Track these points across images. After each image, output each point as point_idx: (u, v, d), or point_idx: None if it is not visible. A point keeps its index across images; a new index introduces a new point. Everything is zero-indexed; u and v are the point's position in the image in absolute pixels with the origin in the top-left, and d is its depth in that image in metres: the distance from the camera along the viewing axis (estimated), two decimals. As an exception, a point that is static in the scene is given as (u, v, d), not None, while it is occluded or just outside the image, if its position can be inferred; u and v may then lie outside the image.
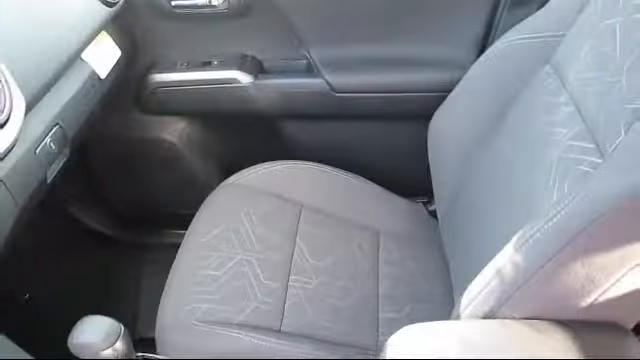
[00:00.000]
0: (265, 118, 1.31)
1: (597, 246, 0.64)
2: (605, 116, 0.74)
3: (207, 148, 1.39)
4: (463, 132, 1.09)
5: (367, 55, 1.24)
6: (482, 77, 1.07)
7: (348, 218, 1.17)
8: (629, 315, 0.71)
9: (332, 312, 0.97)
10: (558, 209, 0.67)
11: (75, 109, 0.98)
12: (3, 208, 0.78)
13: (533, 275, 0.67)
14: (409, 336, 0.68)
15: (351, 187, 1.23)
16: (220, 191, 1.19)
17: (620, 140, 0.69)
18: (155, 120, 1.34)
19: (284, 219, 1.13)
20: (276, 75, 1.28)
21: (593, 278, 0.66)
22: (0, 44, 0.82)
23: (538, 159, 0.84)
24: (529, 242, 0.68)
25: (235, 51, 1.27)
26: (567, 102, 0.84)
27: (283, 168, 1.23)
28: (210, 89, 1.26)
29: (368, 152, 1.32)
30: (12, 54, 0.81)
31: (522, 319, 0.70)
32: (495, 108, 1.02)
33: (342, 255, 1.09)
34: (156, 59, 1.26)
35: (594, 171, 0.70)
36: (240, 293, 0.96)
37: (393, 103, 1.24)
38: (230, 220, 1.11)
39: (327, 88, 1.24)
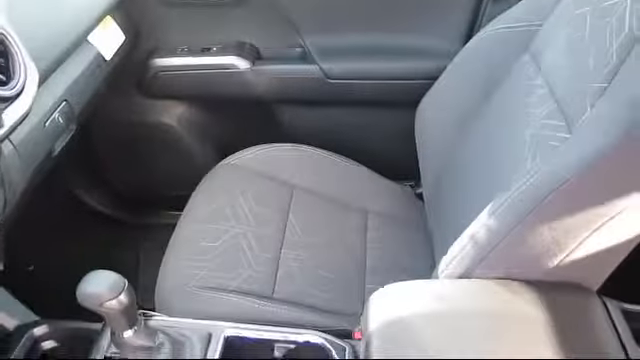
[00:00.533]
0: (261, 103, 1.37)
1: (561, 211, 0.70)
2: (574, 96, 0.80)
3: (205, 131, 1.45)
4: (448, 118, 1.15)
5: (359, 44, 1.30)
6: (467, 65, 1.13)
7: (338, 198, 1.23)
8: (593, 277, 0.77)
9: (321, 282, 1.03)
10: (527, 177, 0.73)
11: (82, 87, 1.03)
12: (15, 174, 0.84)
13: (504, 238, 0.73)
14: (390, 292, 0.74)
15: (342, 169, 1.29)
16: (217, 171, 1.25)
17: (586, 116, 0.75)
18: (156, 104, 1.39)
19: (277, 198, 1.19)
20: (272, 62, 1.34)
21: (559, 241, 0.72)
22: (14, 24, 0.87)
23: (515, 137, 0.90)
24: (500, 209, 0.74)
25: (233, 38, 1.33)
26: (542, 85, 0.90)
27: (277, 150, 1.29)
28: (209, 74, 1.32)
29: (359, 136, 1.38)
30: (25, 33, 0.87)
31: (494, 279, 0.76)
32: (478, 94, 1.08)
33: (331, 232, 1.15)
34: (158, 44, 1.32)
35: (561, 144, 0.77)
36: (235, 262, 1.02)
37: (383, 90, 1.31)
38: (226, 198, 1.16)
39: (321, 75, 1.30)
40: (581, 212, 0.70)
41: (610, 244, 0.73)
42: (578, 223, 0.70)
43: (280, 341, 0.83)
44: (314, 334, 0.83)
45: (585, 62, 0.79)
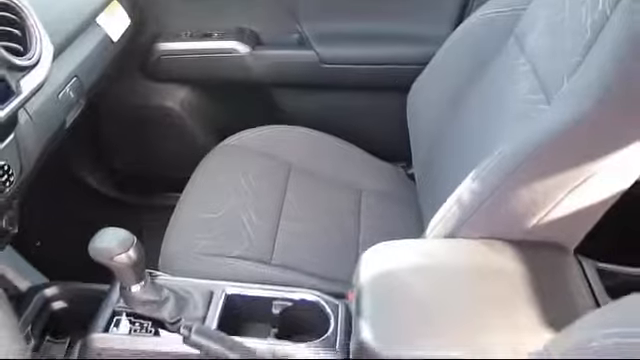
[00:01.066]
0: (260, 86, 1.43)
1: (537, 174, 0.76)
2: (553, 72, 0.86)
3: (206, 114, 1.51)
4: (438, 100, 1.21)
5: (354, 30, 1.37)
6: (456, 49, 1.19)
7: (333, 177, 1.28)
8: (570, 237, 0.83)
9: (317, 252, 1.08)
10: (507, 144, 0.79)
11: (91, 65, 1.09)
12: (30, 143, 0.89)
13: (486, 200, 0.80)
14: (380, 249, 0.80)
15: (337, 150, 1.34)
16: (218, 151, 1.30)
17: (563, 89, 0.81)
18: (159, 87, 1.45)
19: (275, 175, 1.24)
20: (271, 47, 1.40)
21: (536, 201, 0.78)
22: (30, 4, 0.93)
23: (501, 112, 0.96)
24: (483, 173, 0.81)
25: (234, 24, 1.39)
26: (525, 64, 0.96)
27: (275, 132, 1.34)
28: (210, 58, 1.38)
29: (353, 119, 1.44)
30: (39, 9, 0.92)
31: (478, 239, 0.82)
32: (467, 76, 1.13)
33: (326, 207, 1.20)
34: (161, 30, 1.38)
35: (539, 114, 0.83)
36: (235, 232, 1.07)
37: (376, 74, 1.37)
38: (226, 175, 1.22)
39: (317, 59, 1.36)
40: (556, 175, 0.76)
41: (584, 205, 0.79)
42: (553, 185, 0.76)
43: (278, 298, 0.88)
44: (309, 292, 0.89)
45: (563, 40, 0.85)
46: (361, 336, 0.69)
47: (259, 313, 0.88)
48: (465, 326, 0.70)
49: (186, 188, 1.21)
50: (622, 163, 0.76)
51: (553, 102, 0.82)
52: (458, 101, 1.14)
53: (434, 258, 0.79)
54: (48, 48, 0.87)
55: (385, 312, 0.71)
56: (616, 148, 0.74)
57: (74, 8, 1.04)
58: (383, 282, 0.75)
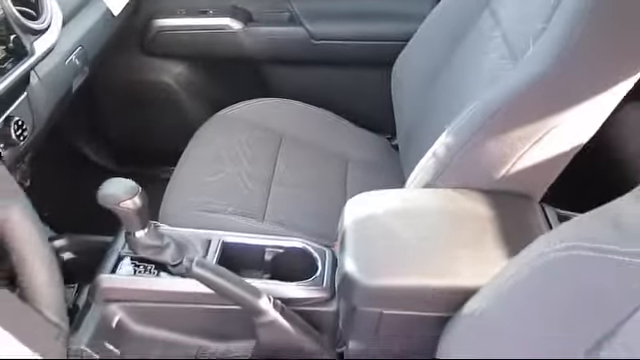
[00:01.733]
0: (252, 61, 1.51)
1: (503, 128, 0.85)
2: (520, 38, 0.94)
3: (200, 89, 1.58)
4: (419, 73, 1.28)
5: (342, 8, 1.45)
6: (436, 25, 1.27)
7: (322, 147, 1.36)
8: (535, 186, 0.92)
9: (306, 212, 1.15)
10: (476, 103, 0.88)
11: (94, 37, 1.16)
12: (40, 103, 0.97)
13: (457, 153, 0.88)
14: (363, 197, 0.88)
15: (325, 121, 1.42)
16: (213, 121, 1.38)
17: (528, 53, 0.89)
18: (155, 63, 1.52)
19: (267, 144, 1.31)
20: (263, 24, 1.48)
21: (503, 153, 0.87)
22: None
23: (475, 79, 1.04)
24: (455, 129, 0.89)
25: (228, 2, 1.47)
26: (497, 34, 1.05)
27: (267, 104, 1.42)
28: (205, 34, 1.46)
29: (341, 92, 1.52)
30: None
31: (452, 188, 0.90)
32: (446, 49, 1.21)
33: (316, 174, 1.28)
34: (159, 6, 1.46)
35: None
36: (230, 193, 1.15)
37: (363, 50, 1.45)
38: (221, 143, 1.29)
39: (307, 36, 1.44)
40: (520, 129, 0.84)
41: (547, 157, 0.87)
42: (518, 138, 0.85)
43: (269, 246, 0.96)
44: (299, 240, 0.97)
45: (530, 7, 0.94)
46: (345, 269, 0.77)
47: (253, 260, 0.96)
48: (438, 259, 0.78)
49: (183, 154, 1.29)
50: (580, 118, 0.84)
51: (519, 64, 0.90)
52: (438, 73, 1.22)
53: (411, 203, 0.88)
54: (58, 15, 0.95)
55: (366, 248, 0.80)
56: (574, 104, 0.83)
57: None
58: (365, 223, 0.84)
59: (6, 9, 0.84)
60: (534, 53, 0.86)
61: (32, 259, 0.56)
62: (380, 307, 0.77)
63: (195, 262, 0.82)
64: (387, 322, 0.79)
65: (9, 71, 0.82)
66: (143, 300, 0.90)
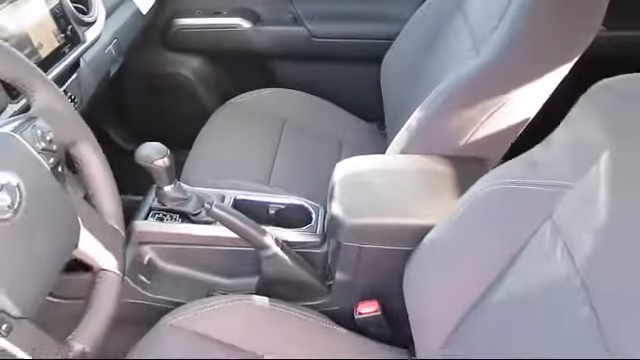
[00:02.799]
0: (260, 56, 1.72)
1: (463, 103, 1.05)
2: (482, 31, 1.14)
3: (213, 80, 1.80)
4: (403, 67, 1.48)
5: (338, 10, 1.67)
6: (418, 25, 1.48)
7: (319, 130, 1.56)
8: (492, 153, 1.11)
9: (304, 180, 1.35)
10: (442, 84, 1.08)
11: (127, 31, 1.37)
12: (86, 82, 1.18)
13: (426, 126, 1.08)
14: (349, 161, 1.09)
15: (323, 109, 1.63)
16: (224, 108, 1.58)
17: (486, 44, 1.10)
18: (175, 57, 1.74)
19: (271, 127, 1.52)
20: (269, 23, 1.70)
21: (464, 125, 1.07)
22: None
23: (447, 68, 1.24)
24: (425, 105, 1.09)
25: (239, 4, 1.69)
26: (465, 31, 1.25)
27: (272, 93, 1.63)
28: (219, 32, 1.68)
29: (337, 84, 1.72)
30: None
31: (422, 154, 1.10)
32: (425, 45, 1.41)
33: (313, 152, 1.48)
34: (179, 7, 1.68)
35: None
36: (240, 164, 1.35)
37: (357, 47, 1.66)
38: (232, 126, 1.50)
39: (307, 34, 1.66)
40: (476, 104, 1.04)
41: (500, 128, 1.07)
42: (475, 111, 1.05)
43: (273, 202, 1.16)
44: (297, 198, 1.17)
45: (490, 8, 1.14)
46: (332, 212, 0.98)
47: (259, 214, 1.15)
48: (405, 204, 0.99)
49: (199, 135, 1.49)
50: (525, 97, 1.04)
51: (478, 54, 1.11)
52: (419, 66, 1.42)
53: (387, 165, 1.09)
54: (102, 12, 1.16)
55: (349, 196, 1.00)
56: (520, 86, 1.03)
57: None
58: (350, 179, 1.04)
59: (65, 5, 1.05)
60: (489, 44, 1.07)
61: (99, 180, 0.77)
62: (359, 242, 0.97)
63: (214, 204, 1.02)
64: (365, 255, 0.99)
65: (67, 54, 1.04)
66: (169, 242, 1.10)
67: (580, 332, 0.61)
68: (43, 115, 0.70)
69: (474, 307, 0.80)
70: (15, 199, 0.60)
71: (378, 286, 1.02)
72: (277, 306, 1.00)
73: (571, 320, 0.63)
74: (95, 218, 0.74)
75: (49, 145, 0.68)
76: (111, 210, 0.77)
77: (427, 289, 0.90)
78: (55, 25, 1.02)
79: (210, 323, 0.96)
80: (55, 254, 0.65)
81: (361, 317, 1.01)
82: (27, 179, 0.62)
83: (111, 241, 0.75)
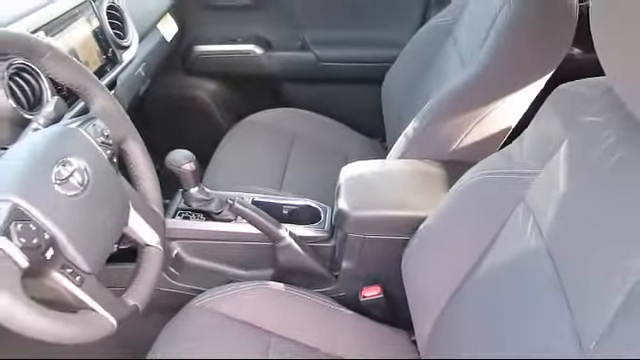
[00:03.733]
0: (271, 79, 1.90)
1: (452, 113, 1.20)
2: (468, 51, 1.30)
3: (228, 101, 1.97)
4: (401, 88, 1.63)
5: (342, 37, 1.84)
6: (413, 50, 1.63)
7: (326, 146, 1.71)
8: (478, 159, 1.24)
9: (313, 187, 1.49)
10: (437, 95, 1.23)
11: (153, 55, 1.54)
12: (122, 100, 1.33)
13: (420, 133, 1.23)
14: (353, 165, 1.23)
15: (329, 126, 1.79)
16: (239, 126, 1.74)
17: (471, 62, 1.25)
18: (194, 81, 1.91)
19: (282, 143, 1.67)
20: (280, 49, 1.87)
21: (453, 132, 1.21)
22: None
23: (439, 85, 1.39)
24: (420, 115, 1.24)
25: (252, 32, 1.86)
26: (455, 53, 1.41)
27: (282, 113, 1.79)
28: (234, 57, 1.85)
29: (342, 104, 1.88)
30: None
31: (418, 159, 1.25)
32: (422, 66, 1.57)
33: (320, 165, 1.63)
34: (199, 35, 1.85)
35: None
36: (255, 173, 1.50)
37: (359, 70, 1.83)
38: (246, 141, 1.66)
39: (315, 59, 1.83)
40: (464, 114, 1.19)
41: (486, 135, 1.22)
42: (462, 121, 1.20)
43: (286, 204, 1.30)
44: (308, 200, 1.31)
45: (476, 31, 1.30)
46: (339, 206, 1.12)
47: (274, 214, 1.28)
48: (402, 199, 1.13)
49: (217, 150, 1.64)
50: (507, 106, 1.19)
51: (465, 70, 1.26)
52: (415, 86, 1.58)
53: (387, 167, 1.23)
54: (135, 37, 1.33)
55: (354, 192, 1.14)
56: (502, 96, 1.18)
57: (145, 18, 1.50)
58: (354, 179, 1.19)
59: (106, 31, 1.22)
60: (474, 62, 1.23)
61: (143, 170, 0.92)
62: (363, 232, 1.11)
63: (236, 200, 1.16)
64: (368, 244, 1.13)
65: (108, 72, 1.20)
66: (194, 238, 1.23)
67: (545, 290, 0.74)
68: (100, 116, 0.85)
69: (462, 284, 0.92)
70: (84, 179, 0.74)
71: (380, 272, 1.15)
72: (291, 291, 1.13)
73: (537, 280, 0.76)
74: (141, 201, 0.89)
75: (106, 140, 0.83)
76: (153, 195, 0.92)
77: (422, 272, 1.04)
78: (98, 47, 1.18)
79: (232, 305, 1.09)
80: (113, 227, 0.80)
81: (365, 300, 1.14)
82: (92, 164, 0.77)
83: (154, 221, 0.89)
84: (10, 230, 0.63)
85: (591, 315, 0.64)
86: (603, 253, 0.66)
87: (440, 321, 0.95)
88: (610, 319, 0.61)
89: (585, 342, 0.63)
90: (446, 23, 1.54)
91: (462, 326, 0.90)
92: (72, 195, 0.72)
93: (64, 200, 0.71)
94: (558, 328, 0.68)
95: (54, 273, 0.68)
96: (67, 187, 0.72)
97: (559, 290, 0.72)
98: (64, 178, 0.72)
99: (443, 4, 1.67)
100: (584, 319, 0.65)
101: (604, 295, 0.63)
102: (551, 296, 0.73)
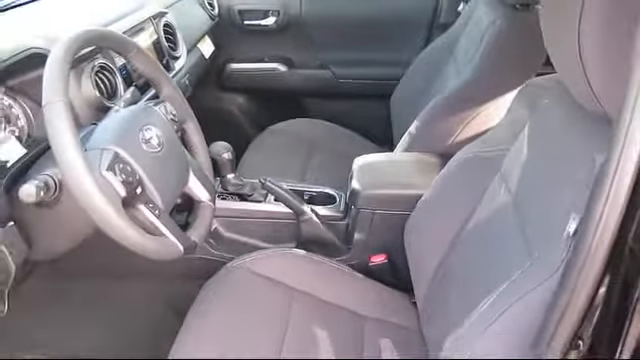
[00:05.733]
0: (293, 94, 2.17)
1: (449, 113, 1.44)
2: (464, 62, 1.55)
3: (255, 113, 2.24)
4: (407, 100, 1.89)
5: (356, 57, 2.11)
6: (418, 68, 1.89)
7: (340, 151, 1.95)
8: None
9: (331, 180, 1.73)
10: (433, 99, 1.48)
11: (195, 69, 1.80)
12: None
13: (422, 131, 1.47)
14: (364, 156, 1.48)
15: (343, 135, 2.03)
16: (265, 133, 2.00)
17: (462, 72, 1.50)
18: (225, 95, 2.18)
19: (302, 147, 1.91)
20: (301, 67, 2.15)
21: (449, 129, 1.46)
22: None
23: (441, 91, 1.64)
24: (421, 115, 1.49)
25: (277, 53, 2.14)
26: (453, 66, 1.66)
27: (302, 123, 2.05)
28: (261, 74, 2.13)
29: (355, 115, 2.14)
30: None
31: (420, 152, 1.49)
32: (425, 81, 1.82)
33: (335, 165, 1.86)
34: (231, 55, 2.13)
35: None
36: (281, 170, 1.73)
37: (370, 86, 2.10)
38: (271, 145, 1.91)
39: (332, 76, 2.11)
40: (458, 114, 1.44)
41: (477, 131, 1.45)
42: (457, 119, 1.44)
43: (307, 191, 1.54)
44: (327, 188, 1.55)
45: (469, 46, 1.55)
46: (352, 186, 1.36)
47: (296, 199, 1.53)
48: (406, 180, 1.36)
49: (245, 153, 1.89)
50: (494, 106, 1.43)
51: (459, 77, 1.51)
52: (419, 97, 1.82)
53: (393, 157, 1.48)
54: (184, 50, 1.59)
55: (365, 175, 1.38)
56: (490, 99, 1.42)
57: (189, 37, 1.77)
58: (365, 166, 1.43)
59: (162, 43, 1.49)
60: (466, 70, 1.47)
61: (198, 145, 1.16)
62: (372, 208, 1.35)
63: (268, 179, 1.40)
64: (376, 218, 1.35)
65: (163, 78, 1.45)
66: (230, 216, 1.46)
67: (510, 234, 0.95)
68: (169, 100, 1.10)
69: (451, 244, 1.14)
70: (160, 142, 0.99)
71: (386, 243, 1.38)
72: (311, 256, 1.35)
73: (505, 227, 0.98)
74: (197, 168, 1.13)
75: (173, 117, 1.08)
76: (205, 165, 1.17)
77: (420, 240, 1.26)
78: (156, 55, 1.45)
79: (262, 266, 1.31)
80: (178, 182, 1.04)
81: (373, 265, 1.37)
82: (164, 133, 1.02)
83: (207, 183, 1.13)
84: (114, 168, 0.87)
85: (545, 248, 0.81)
86: (552, 198, 0.87)
87: (433, 281, 1.16)
88: (562, 254, 0.74)
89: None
90: (446, 43, 1.79)
91: (449, 279, 1.11)
92: (152, 152, 0.97)
93: (147, 155, 0.96)
94: (519, 261, 0.87)
95: (140, 205, 0.91)
96: (149, 146, 0.97)
97: (520, 233, 0.94)
98: (147, 139, 0.97)
99: (445, 28, 1.93)
100: (539, 251, 0.83)
101: (554, 231, 0.78)
102: (514, 237, 0.94)
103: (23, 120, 1.06)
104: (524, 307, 0.75)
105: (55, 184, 0.89)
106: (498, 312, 0.78)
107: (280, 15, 2.11)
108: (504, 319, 0.77)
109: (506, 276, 0.85)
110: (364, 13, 2.09)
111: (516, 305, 0.76)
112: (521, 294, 0.76)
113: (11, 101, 1.05)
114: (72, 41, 0.89)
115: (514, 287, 0.80)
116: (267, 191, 1.43)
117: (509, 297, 0.78)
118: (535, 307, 0.73)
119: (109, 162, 0.87)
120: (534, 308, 0.73)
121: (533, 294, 0.74)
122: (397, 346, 1.21)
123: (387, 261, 1.36)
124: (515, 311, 0.76)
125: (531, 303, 0.74)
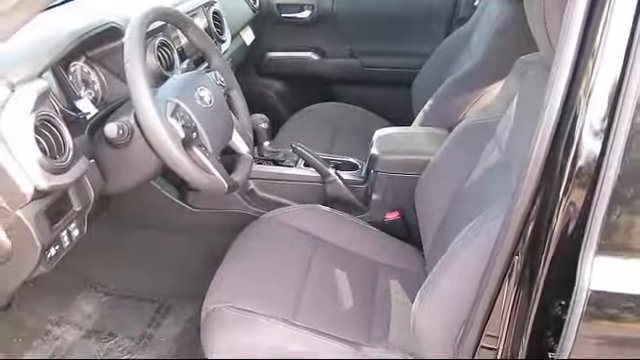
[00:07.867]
0: (325, 80, 2.41)
1: (457, 93, 1.64)
2: (476, 46, 1.75)
3: (289, 97, 2.47)
4: (427, 86, 2.07)
5: (382, 48, 2.33)
6: (438, 56, 2.09)
7: (364, 131, 2.14)
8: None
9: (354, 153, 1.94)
10: (447, 80, 1.68)
11: (237, 55, 2.04)
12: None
13: (434, 108, 1.68)
14: (383, 129, 1.68)
15: (368, 117, 2.25)
16: (297, 114, 2.23)
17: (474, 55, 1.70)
18: (263, 81, 2.43)
19: (330, 127, 2.12)
20: (332, 57, 2.38)
21: (458, 108, 1.65)
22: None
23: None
24: (434, 96, 1.69)
25: (311, 43, 2.38)
26: (468, 52, 1.86)
27: (332, 105, 2.27)
28: (296, 62, 2.37)
29: (380, 101, 2.35)
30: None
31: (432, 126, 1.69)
32: (442, 70, 2.01)
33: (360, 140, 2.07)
34: (269, 44, 2.37)
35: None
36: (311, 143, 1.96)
37: (394, 74, 2.31)
38: (304, 122, 2.14)
39: (359, 64, 2.33)
40: (464, 95, 1.63)
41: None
42: (464, 100, 1.63)
43: (333, 159, 1.75)
44: (350, 158, 1.76)
45: (481, 35, 1.75)
46: (372, 152, 1.57)
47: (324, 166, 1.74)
48: (418, 147, 1.57)
49: (280, 131, 2.12)
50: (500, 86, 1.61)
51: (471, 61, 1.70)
52: (438, 83, 2.02)
53: (408, 130, 1.68)
54: (229, 35, 1.83)
55: (383, 144, 1.59)
56: (491, 82, 1.61)
57: (233, 26, 2.01)
58: (384, 136, 1.64)
59: (211, 28, 1.73)
60: (476, 54, 1.67)
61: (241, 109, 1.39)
62: (388, 171, 1.55)
63: (298, 144, 1.62)
64: (392, 181, 1.56)
65: (211, 57, 1.69)
66: (264, 178, 1.68)
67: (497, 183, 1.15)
68: (218, 69, 1.33)
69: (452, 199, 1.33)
70: (211, 100, 1.22)
71: (400, 202, 1.58)
72: (334, 212, 1.57)
73: (493, 178, 1.17)
74: (240, 126, 1.36)
75: (222, 84, 1.31)
76: (247, 124, 1.39)
77: (428, 198, 1.46)
78: (206, 37, 1.69)
79: (292, 218, 1.52)
80: (224, 135, 1.27)
81: (387, 220, 1.57)
82: (214, 94, 1.24)
83: (247, 139, 1.36)
84: (176, 115, 1.10)
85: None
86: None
87: (438, 232, 1.36)
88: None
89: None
90: (462, 35, 1.98)
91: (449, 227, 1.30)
92: (205, 107, 1.20)
93: (201, 108, 1.19)
94: (503, 207, 1.07)
95: (195, 147, 1.14)
96: (203, 102, 1.20)
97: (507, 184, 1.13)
98: (201, 97, 1.20)
99: (463, 22, 2.12)
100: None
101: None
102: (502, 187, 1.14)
103: (98, 85, 1.30)
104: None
105: (128, 129, 1.13)
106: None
107: (314, 9, 2.34)
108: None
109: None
110: (390, 8, 2.31)
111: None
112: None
113: (89, 69, 1.29)
114: (145, 15, 1.12)
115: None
116: (298, 155, 1.64)
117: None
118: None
119: (172, 110, 1.10)
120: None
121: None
122: (404, 287, 1.41)
123: (400, 218, 1.56)
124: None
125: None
